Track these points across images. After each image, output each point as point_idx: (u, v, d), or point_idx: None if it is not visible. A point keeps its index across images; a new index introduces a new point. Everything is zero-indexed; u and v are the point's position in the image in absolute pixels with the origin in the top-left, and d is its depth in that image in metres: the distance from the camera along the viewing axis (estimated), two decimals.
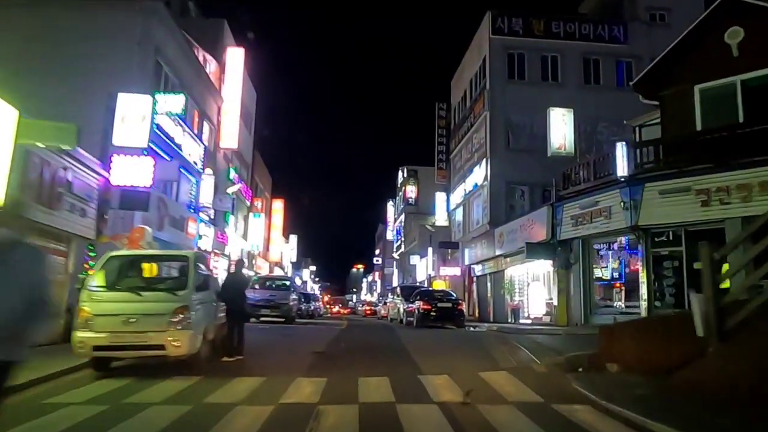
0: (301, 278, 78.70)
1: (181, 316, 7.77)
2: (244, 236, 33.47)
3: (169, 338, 7.65)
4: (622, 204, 14.98)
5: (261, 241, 34.56)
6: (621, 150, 15.26)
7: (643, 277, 14.79)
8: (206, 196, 22.36)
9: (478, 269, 27.57)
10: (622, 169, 15.12)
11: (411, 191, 58.33)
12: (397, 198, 66.55)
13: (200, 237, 22.42)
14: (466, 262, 28.88)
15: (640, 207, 14.62)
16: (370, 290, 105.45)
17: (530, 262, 20.23)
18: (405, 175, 60.12)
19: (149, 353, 7.86)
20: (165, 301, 7.87)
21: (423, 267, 44.74)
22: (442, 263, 36.73)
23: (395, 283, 60.44)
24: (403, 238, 60.04)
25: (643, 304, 14.66)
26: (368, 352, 11.81)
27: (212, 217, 24.08)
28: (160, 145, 17.82)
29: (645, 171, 14.77)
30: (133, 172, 13.34)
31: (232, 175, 26.33)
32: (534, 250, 17.85)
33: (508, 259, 22.38)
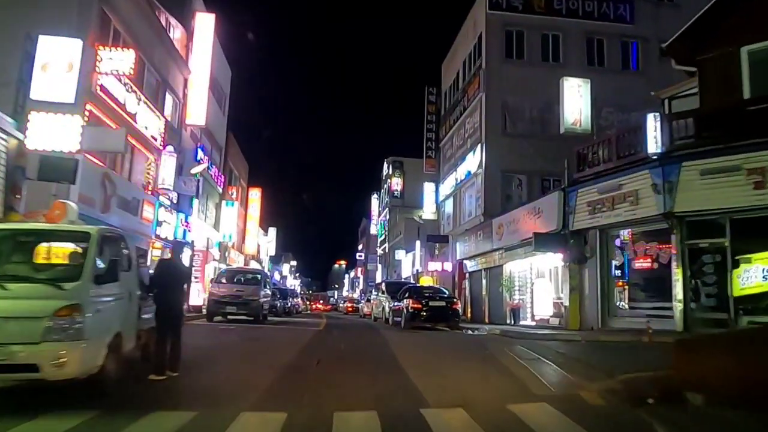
0: (280, 273, 75.79)
1: (67, 319, 5.12)
2: (216, 225, 30.66)
3: (45, 354, 5.00)
4: (653, 186, 12.59)
5: (234, 232, 31.79)
6: (653, 123, 12.88)
7: (677, 274, 12.41)
8: (167, 177, 19.57)
9: (470, 264, 25.16)
10: (654, 145, 12.75)
11: (396, 184, 55.85)
12: (382, 191, 64.02)
13: (159, 223, 19.64)
14: (458, 257, 26.44)
15: (675, 190, 12.24)
16: (352, 286, 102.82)
17: (533, 256, 17.85)
18: (390, 167, 57.58)
19: (14, 377, 5.21)
20: (42, 297, 5.19)
21: (409, 262, 42.28)
22: (429, 258, 34.26)
23: (379, 280, 57.96)
24: (387, 233, 57.56)
25: (678, 306, 12.29)
26: (349, 365, 9.23)
27: (175, 201, 21.29)
28: (105, 111, 15.04)
29: (682, 147, 12.39)
30: (55, 134, 10.60)
31: (200, 155, 23.52)
32: (543, 241, 15.42)
33: (507, 253, 19.96)
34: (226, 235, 30.99)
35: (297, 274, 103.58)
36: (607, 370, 7.28)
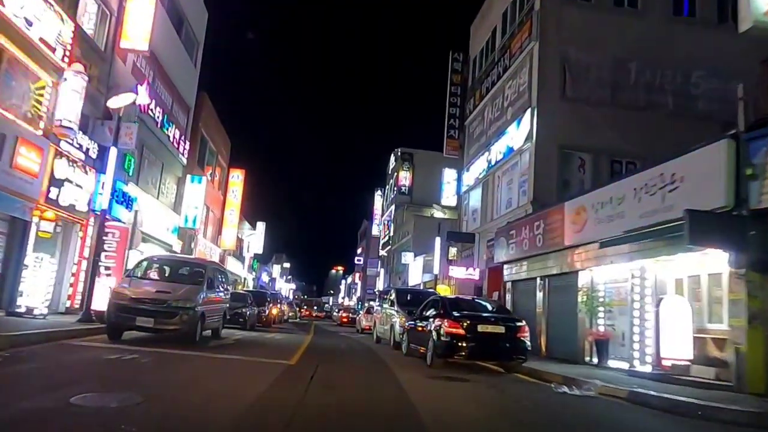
0: (269, 274, 68.65)
1: None
2: (176, 207, 23.65)
3: None
4: None
5: (200, 215, 24.70)
6: None
7: None
8: (70, 111, 12.59)
9: (512, 270, 18.13)
10: None
11: (405, 178, 49.00)
12: (387, 187, 57.04)
13: (57, 182, 12.70)
14: (495, 260, 19.39)
15: None
16: (349, 293, 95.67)
17: (645, 259, 10.87)
18: (398, 159, 50.66)
19: None
20: None
21: (418, 267, 35.27)
22: (447, 263, 27.26)
23: (380, 286, 50.80)
24: (391, 233, 50.50)
25: None
26: None
27: (88, 152, 14.32)
28: None
29: None
30: None
31: (140, 95, 16.48)
32: (703, 227, 8.40)
33: (592, 253, 12.94)
34: (189, 219, 23.97)
35: (290, 277, 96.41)
36: None
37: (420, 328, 12.08)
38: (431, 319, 11.34)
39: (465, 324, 10.23)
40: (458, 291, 25.19)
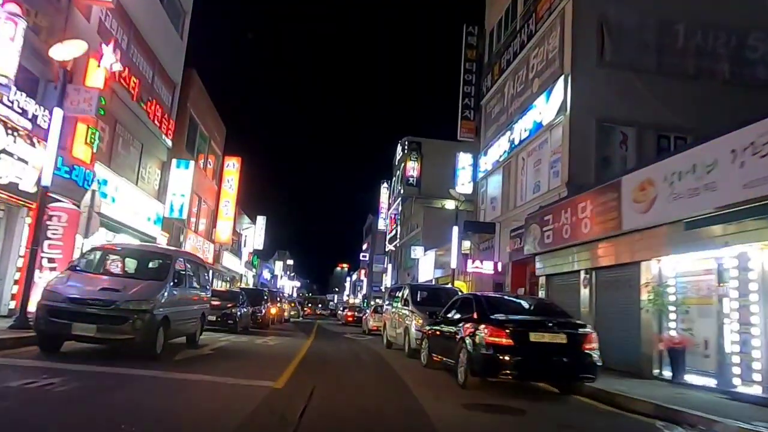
0: (271, 271, 66.15)
1: None
2: (160, 195, 21.08)
3: None
4: None
5: (187, 203, 22.04)
6: None
7: None
8: (3, 61, 9.97)
9: (549, 263, 15.46)
10: None
11: (413, 168, 46.32)
12: (394, 179, 54.31)
13: None
14: (526, 251, 16.71)
15: None
16: (354, 291, 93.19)
17: (749, 243, 8.18)
18: (405, 149, 47.97)
19: None
20: None
21: (429, 262, 32.61)
22: (464, 257, 24.57)
23: (387, 283, 48.15)
24: (398, 227, 47.81)
25: None
26: None
27: (36, 120, 11.71)
28: None
29: None
30: None
31: (107, 56, 13.85)
32: None
33: (660, 238, 10.24)
34: (175, 208, 21.38)
35: (293, 275, 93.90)
36: None
37: (446, 334, 9.44)
38: (462, 324, 8.69)
39: (512, 331, 7.57)
40: (476, 288, 22.54)
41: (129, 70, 16.46)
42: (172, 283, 9.15)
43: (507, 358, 7.51)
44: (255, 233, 46.52)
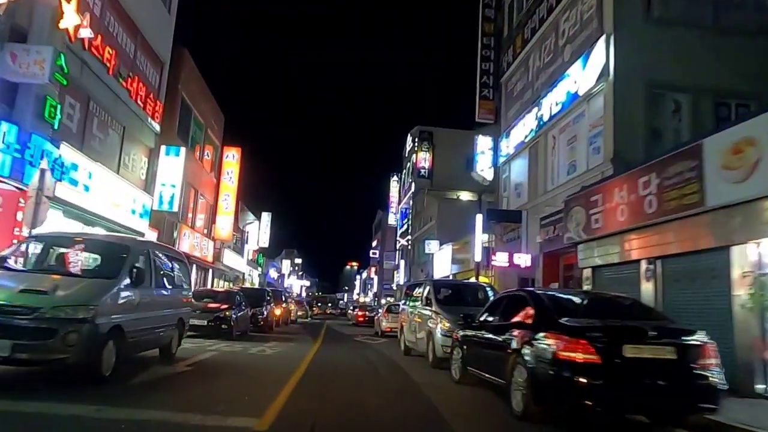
0: (278, 270, 64.07)
1: None
2: (148, 186, 18.92)
3: None
4: None
5: (179, 196, 19.81)
6: None
7: None
8: None
9: (596, 252, 13.05)
10: None
11: (424, 159, 43.99)
12: (405, 171, 51.95)
13: None
14: (567, 240, 14.32)
15: None
16: (364, 289, 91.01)
17: None
18: (416, 140, 45.62)
19: None
20: None
21: (445, 257, 30.27)
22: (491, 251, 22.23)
23: (400, 280, 45.79)
24: (410, 221, 45.48)
25: None
26: None
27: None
28: None
29: None
30: None
31: (71, 10, 11.62)
32: None
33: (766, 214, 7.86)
34: (164, 200, 19.20)
35: (302, 274, 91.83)
36: None
37: (490, 344, 7.15)
38: (514, 331, 6.41)
39: (598, 343, 5.25)
40: (501, 285, 20.20)
41: (102, 39, 14.27)
42: (127, 282, 6.91)
43: (591, 381, 5.20)
44: (260, 230, 44.39)
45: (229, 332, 14.81)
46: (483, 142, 24.05)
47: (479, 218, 18.96)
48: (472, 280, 17.13)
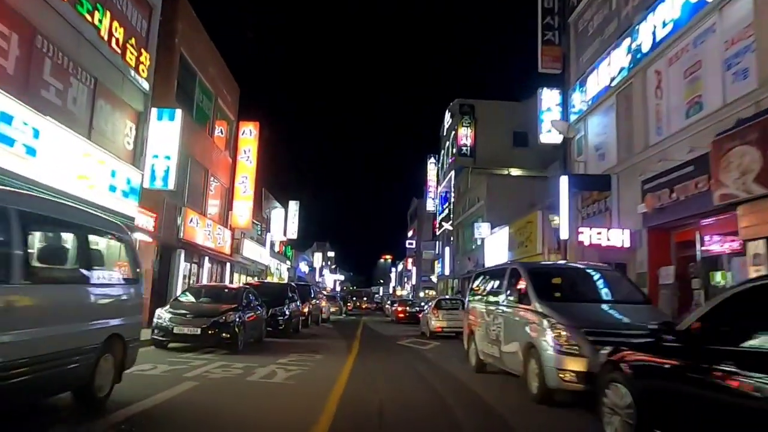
0: (309, 264, 60.49)
1: None
2: (136, 159, 15.14)
3: None
4: None
5: (174, 169, 15.74)
6: None
7: None
8: None
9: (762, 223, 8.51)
10: None
11: (465, 135, 39.49)
12: (443, 151, 47.40)
13: None
14: (719, 198, 9.75)
15: None
16: (401, 282, 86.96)
17: None
18: (456, 114, 41.11)
19: None
20: None
21: (501, 241, 25.80)
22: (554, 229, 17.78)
23: (445, 271, 41.36)
24: (452, 205, 41.01)
25: None
26: None
27: None
28: None
29: None
30: None
31: None
32: None
33: None
34: (157, 175, 15.36)
35: (335, 267, 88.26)
36: None
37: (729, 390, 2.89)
38: None
39: None
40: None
41: None
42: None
43: None
44: (287, 221, 40.68)
45: (233, 342, 10.89)
46: (549, 96, 19.54)
47: (563, 181, 14.45)
48: (562, 262, 12.71)
